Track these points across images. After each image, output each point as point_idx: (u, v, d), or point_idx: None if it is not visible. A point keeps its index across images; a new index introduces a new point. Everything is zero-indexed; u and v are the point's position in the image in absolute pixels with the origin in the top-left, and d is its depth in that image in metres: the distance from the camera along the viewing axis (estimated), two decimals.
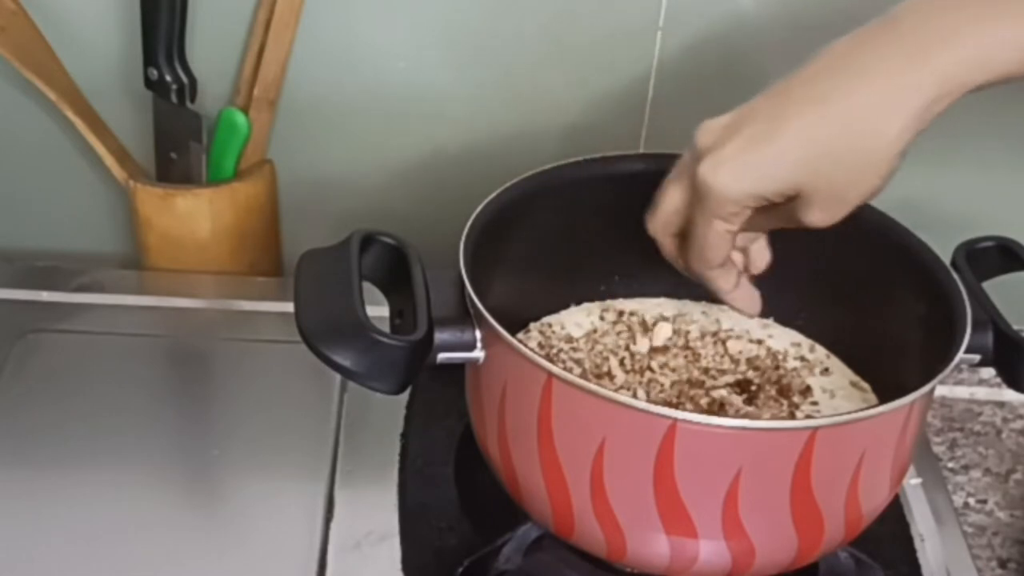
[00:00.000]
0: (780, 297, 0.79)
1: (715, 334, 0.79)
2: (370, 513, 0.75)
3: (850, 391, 0.76)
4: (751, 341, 0.78)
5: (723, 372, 0.75)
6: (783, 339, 0.79)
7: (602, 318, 0.80)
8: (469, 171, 0.93)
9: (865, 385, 0.76)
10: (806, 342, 0.79)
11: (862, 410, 0.63)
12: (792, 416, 0.72)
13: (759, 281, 0.79)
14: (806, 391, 0.75)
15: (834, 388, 0.75)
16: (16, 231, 0.97)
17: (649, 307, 0.80)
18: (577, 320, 0.79)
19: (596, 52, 0.90)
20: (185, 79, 0.88)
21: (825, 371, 0.77)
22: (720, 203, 0.63)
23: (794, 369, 0.77)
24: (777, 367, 0.76)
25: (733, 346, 0.77)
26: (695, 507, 0.63)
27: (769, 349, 0.78)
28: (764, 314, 0.80)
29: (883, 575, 0.74)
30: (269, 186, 0.93)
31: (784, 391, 0.74)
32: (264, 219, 0.94)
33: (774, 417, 0.72)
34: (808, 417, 0.72)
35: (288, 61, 0.89)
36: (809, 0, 0.87)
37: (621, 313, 0.80)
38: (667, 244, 0.69)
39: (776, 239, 0.73)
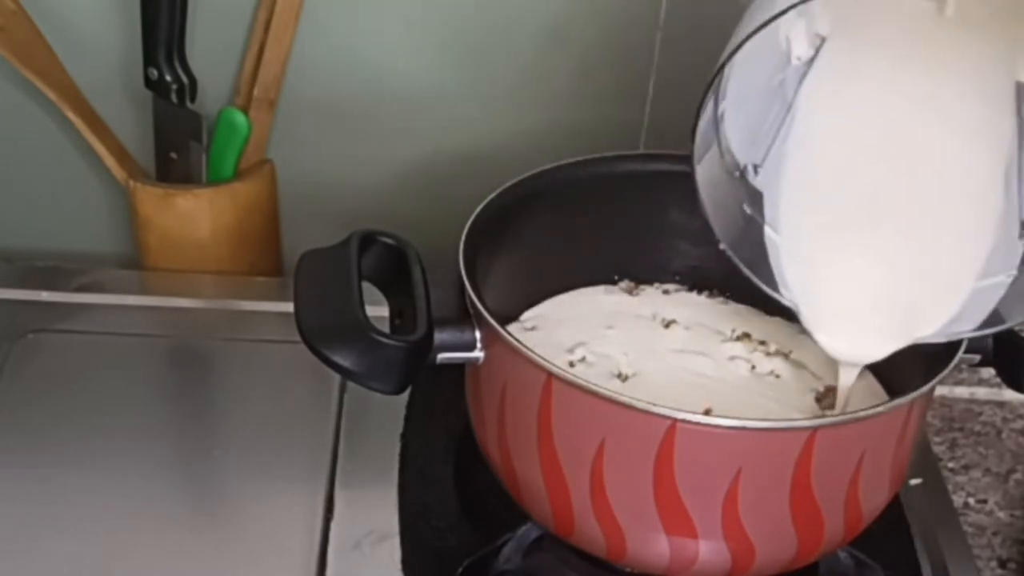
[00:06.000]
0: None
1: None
2: (370, 513, 0.75)
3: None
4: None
5: None
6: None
7: None
8: (469, 171, 0.93)
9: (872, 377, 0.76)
10: None
11: (862, 410, 0.63)
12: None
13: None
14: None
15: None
16: (16, 231, 0.97)
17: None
18: None
19: (596, 50, 0.90)
20: (185, 79, 0.87)
21: None
22: None
23: None
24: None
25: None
26: (695, 507, 0.63)
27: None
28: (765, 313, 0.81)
29: (883, 575, 0.74)
30: (269, 186, 0.93)
31: None
32: (264, 219, 0.94)
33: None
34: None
35: (288, 61, 0.89)
36: None
37: None
38: None
39: None
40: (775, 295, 0.70)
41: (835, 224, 0.70)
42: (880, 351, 0.69)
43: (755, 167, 0.70)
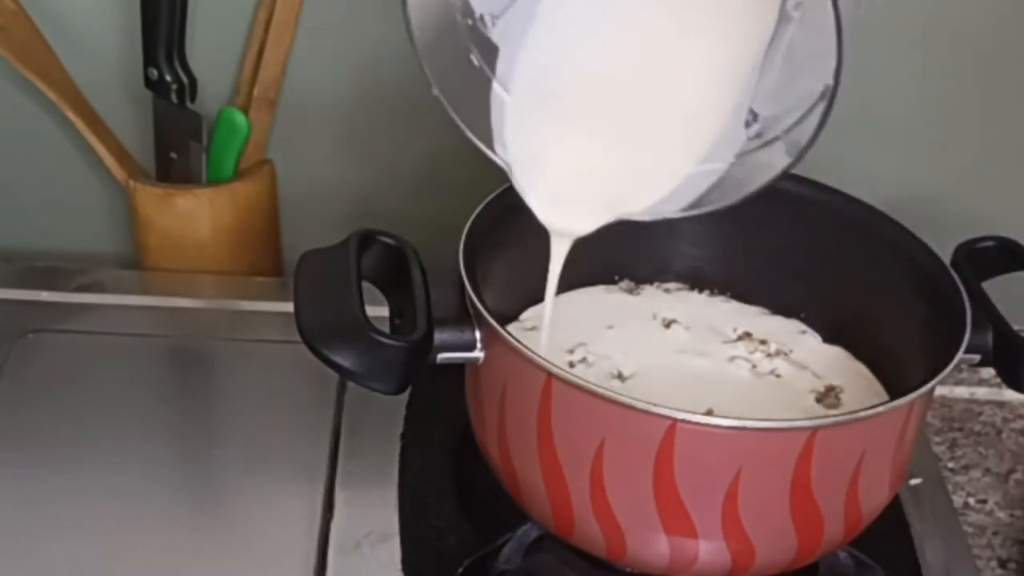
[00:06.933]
0: (780, 297, 0.79)
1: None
2: (370, 513, 0.75)
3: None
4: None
5: None
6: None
7: None
8: (469, 171, 0.92)
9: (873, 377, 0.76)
10: None
11: (862, 410, 0.63)
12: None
13: (759, 280, 0.79)
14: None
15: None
16: (16, 231, 0.97)
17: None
18: None
19: None
20: (185, 79, 0.87)
21: None
22: None
23: None
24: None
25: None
26: (695, 507, 0.63)
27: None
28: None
29: (883, 575, 0.74)
30: (269, 186, 0.93)
31: None
32: (264, 219, 0.94)
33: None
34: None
35: (288, 61, 0.89)
36: None
37: None
38: None
39: (776, 239, 0.73)
40: (486, 150, 0.69)
41: (567, 95, 0.67)
42: (589, 224, 0.69)
43: (493, 18, 0.68)
